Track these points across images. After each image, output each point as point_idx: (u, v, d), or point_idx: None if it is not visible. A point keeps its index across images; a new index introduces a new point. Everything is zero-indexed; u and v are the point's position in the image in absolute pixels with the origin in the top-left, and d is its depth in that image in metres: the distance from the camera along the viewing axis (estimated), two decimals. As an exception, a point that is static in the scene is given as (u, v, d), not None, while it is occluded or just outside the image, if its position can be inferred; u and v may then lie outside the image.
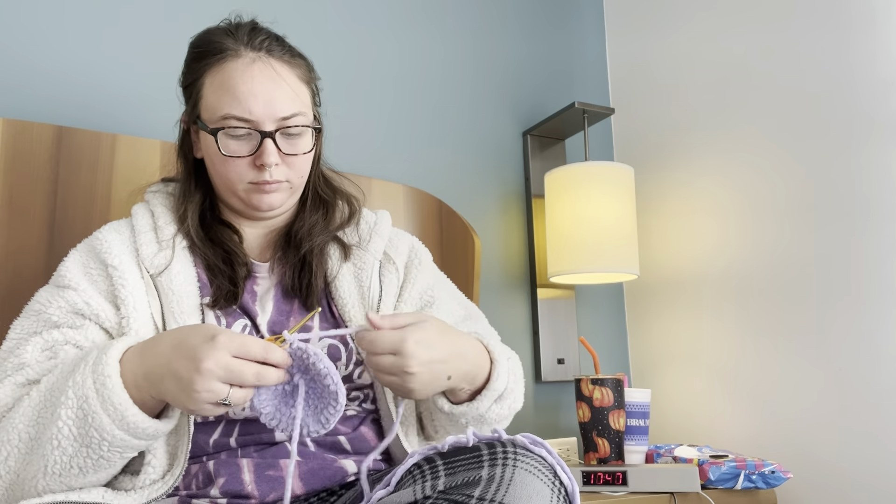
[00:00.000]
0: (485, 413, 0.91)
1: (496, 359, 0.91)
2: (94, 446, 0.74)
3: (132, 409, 0.73)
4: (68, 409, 0.73)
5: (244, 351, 0.72)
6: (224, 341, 0.71)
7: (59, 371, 0.78)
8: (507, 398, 0.93)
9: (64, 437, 0.73)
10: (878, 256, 1.33)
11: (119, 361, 0.76)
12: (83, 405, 0.73)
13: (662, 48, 1.83)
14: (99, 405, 0.73)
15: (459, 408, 0.90)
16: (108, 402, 0.73)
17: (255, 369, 0.72)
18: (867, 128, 1.36)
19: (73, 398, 0.74)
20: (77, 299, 0.87)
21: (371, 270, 1.00)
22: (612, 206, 1.59)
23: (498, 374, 0.90)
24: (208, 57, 0.92)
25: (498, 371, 0.90)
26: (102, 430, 0.73)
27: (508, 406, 0.94)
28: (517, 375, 0.98)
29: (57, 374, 0.78)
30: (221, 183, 0.95)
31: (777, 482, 1.30)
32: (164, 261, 0.92)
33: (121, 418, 0.73)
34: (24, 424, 0.76)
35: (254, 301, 0.95)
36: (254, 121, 0.89)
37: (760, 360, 1.53)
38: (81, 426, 0.73)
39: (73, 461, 0.75)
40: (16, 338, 0.86)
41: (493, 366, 0.91)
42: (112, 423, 0.73)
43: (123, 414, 0.73)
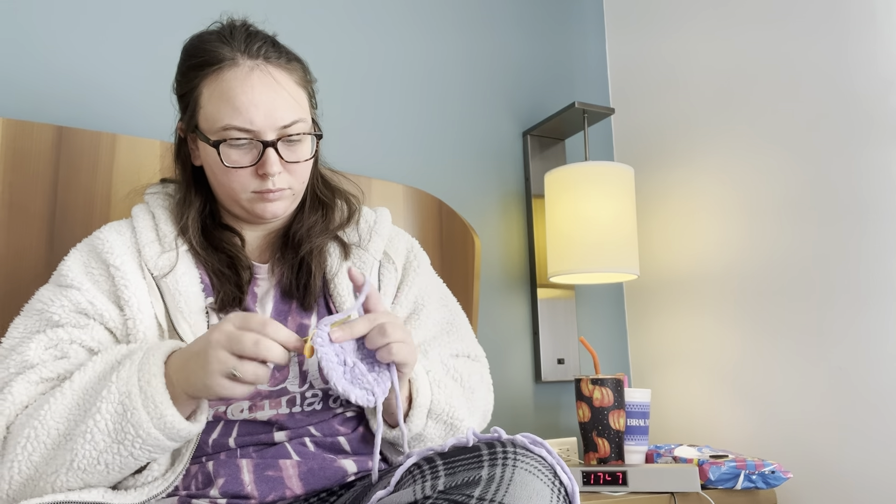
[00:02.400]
0: (422, 432, 0.91)
1: (413, 376, 0.90)
2: (126, 443, 0.75)
3: (171, 408, 0.75)
4: (109, 404, 0.75)
5: (245, 323, 0.76)
6: (233, 316, 0.76)
7: (94, 370, 0.80)
8: (443, 414, 0.91)
9: (99, 431, 0.75)
10: (878, 256, 1.33)
11: (164, 361, 0.78)
12: (125, 400, 0.75)
13: (662, 48, 1.83)
14: (140, 402, 0.75)
15: (393, 431, 0.90)
16: (149, 400, 0.75)
17: (252, 338, 0.74)
18: (867, 127, 1.36)
19: (115, 393, 0.75)
20: (81, 299, 0.87)
21: (370, 270, 1.00)
22: (612, 206, 1.59)
23: (418, 390, 0.89)
24: (205, 67, 0.91)
25: (417, 386, 0.90)
26: (139, 427, 0.75)
27: (447, 422, 0.92)
28: (449, 389, 0.93)
29: (90, 373, 0.79)
30: (224, 192, 0.95)
31: (777, 482, 1.30)
32: (169, 263, 0.92)
33: (159, 416, 0.75)
34: (55, 421, 0.77)
35: (254, 302, 0.96)
36: (255, 131, 0.89)
37: (761, 360, 1.53)
38: (119, 421, 0.75)
39: (102, 457, 0.76)
40: (18, 336, 0.86)
41: (411, 383, 0.90)
42: (150, 420, 0.75)
43: (162, 413, 0.75)
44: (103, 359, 0.81)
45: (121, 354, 0.81)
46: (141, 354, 0.79)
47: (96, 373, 0.79)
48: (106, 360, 0.81)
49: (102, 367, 0.80)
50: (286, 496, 0.85)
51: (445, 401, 0.92)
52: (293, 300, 0.97)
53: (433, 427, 0.91)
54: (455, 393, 0.94)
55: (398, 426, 0.89)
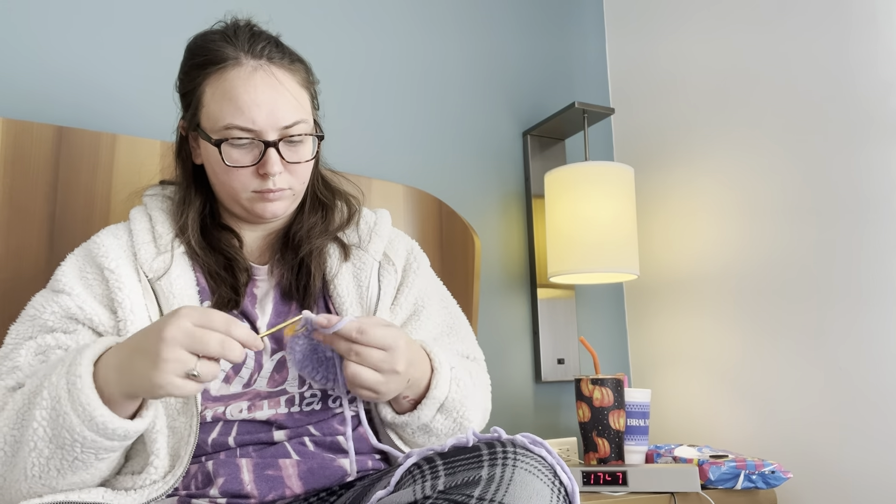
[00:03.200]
0: (429, 423, 0.91)
1: (437, 367, 0.90)
2: (67, 447, 0.73)
3: (100, 408, 0.72)
4: (43, 410, 0.73)
5: (207, 321, 0.72)
6: (187, 311, 0.72)
7: (42, 373, 0.78)
8: (453, 411, 0.92)
9: (39, 439, 0.73)
10: (878, 256, 1.33)
11: (95, 363, 0.75)
12: (55, 405, 0.73)
13: (662, 48, 1.83)
14: (69, 405, 0.72)
15: (402, 417, 0.90)
16: (76, 402, 0.72)
17: (218, 338, 0.71)
18: (867, 127, 1.36)
19: (47, 398, 0.73)
20: (70, 304, 0.87)
21: (370, 271, 1.00)
22: (612, 206, 1.59)
23: (437, 383, 0.89)
24: (208, 66, 0.91)
25: (437, 379, 0.89)
26: (73, 431, 0.72)
27: (456, 419, 0.92)
28: (467, 389, 0.94)
29: (39, 377, 0.78)
30: (224, 191, 0.95)
31: (777, 482, 1.30)
32: (163, 265, 0.92)
33: (89, 418, 0.72)
34: (9, 427, 0.76)
35: (253, 304, 0.96)
36: (257, 131, 0.89)
37: (760, 360, 1.53)
38: (54, 427, 0.72)
39: (51, 462, 0.74)
40: (11, 343, 0.87)
41: (433, 374, 0.90)
42: (81, 423, 0.72)
43: (91, 414, 0.72)
44: (51, 362, 0.79)
45: (62, 357, 0.79)
46: (73, 355, 0.76)
47: (42, 377, 0.77)
48: (52, 364, 0.79)
49: (49, 370, 0.78)
50: (286, 495, 0.85)
51: (460, 399, 0.92)
52: (293, 301, 0.97)
53: (441, 421, 0.91)
54: (469, 393, 0.94)
55: (404, 413, 0.90)
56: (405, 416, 0.90)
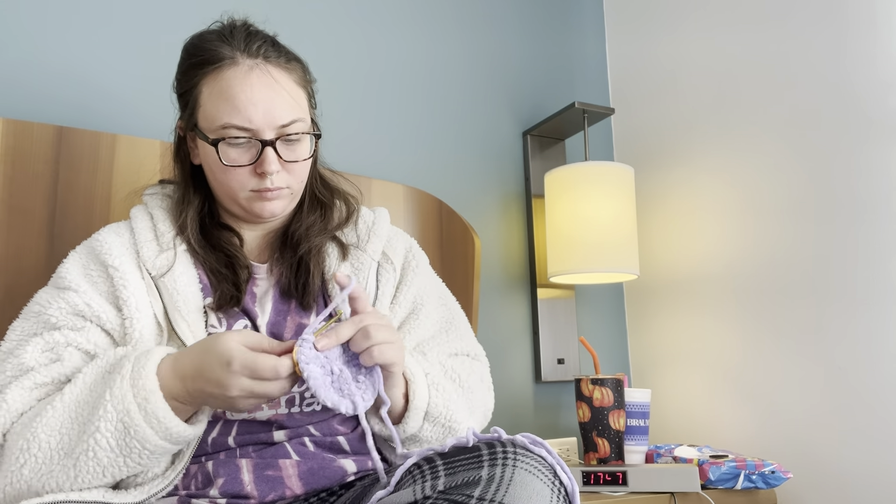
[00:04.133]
0: (417, 433, 0.90)
1: (409, 378, 0.90)
2: (133, 455, 0.77)
3: (175, 421, 0.77)
4: (107, 423, 0.75)
5: (257, 375, 0.75)
6: (238, 369, 0.74)
7: (84, 383, 0.80)
8: (440, 417, 0.91)
9: (101, 449, 0.76)
10: (878, 256, 1.33)
11: (156, 374, 0.78)
12: (124, 419, 0.75)
13: (662, 48, 1.83)
14: (142, 419, 0.76)
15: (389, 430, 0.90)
16: (152, 417, 0.76)
17: (275, 387, 0.76)
18: (866, 127, 1.36)
19: (112, 412, 0.76)
20: (78, 301, 0.87)
21: (368, 271, 1.00)
22: (612, 206, 1.59)
23: (415, 392, 0.89)
24: (205, 66, 0.91)
25: (413, 388, 0.89)
26: (145, 442, 0.76)
27: (444, 425, 0.92)
28: (448, 393, 0.93)
29: (81, 386, 0.79)
30: (222, 191, 0.95)
31: (777, 482, 1.30)
32: (167, 262, 0.92)
33: (165, 430, 0.76)
34: (46, 435, 0.77)
35: (253, 302, 0.96)
36: (254, 129, 0.89)
37: (761, 360, 1.53)
38: (122, 438, 0.76)
39: (108, 470, 0.77)
40: (15, 339, 0.87)
41: (408, 385, 0.90)
42: (155, 434, 0.76)
43: (168, 426, 0.76)
44: (93, 370, 0.81)
45: (109, 364, 0.81)
46: (129, 367, 0.78)
47: (87, 385, 0.79)
48: (95, 372, 0.80)
49: (92, 379, 0.80)
50: (286, 496, 0.85)
51: (443, 404, 0.91)
52: (292, 300, 0.97)
53: (430, 429, 0.91)
54: (453, 396, 0.94)
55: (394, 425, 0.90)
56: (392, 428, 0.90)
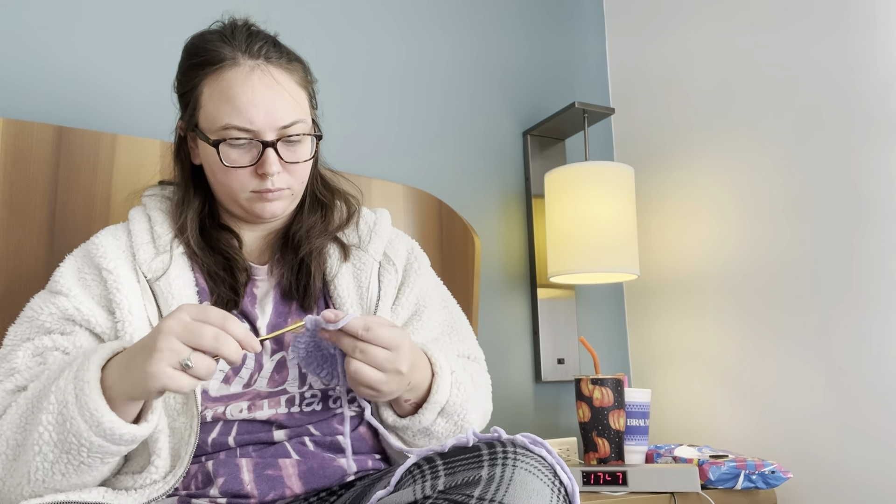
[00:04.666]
0: (430, 426, 0.91)
1: (437, 371, 0.90)
2: (73, 452, 0.73)
3: (108, 414, 0.72)
4: (49, 415, 0.73)
5: (203, 315, 0.73)
6: (187, 307, 0.73)
7: (46, 377, 0.78)
8: (454, 415, 0.92)
9: (45, 443, 0.73)
10: (878, 256, 1.33)
11: (103, 368, 0.75)
12: (63, 410, 0.73)
13: (662, 48, 1.83)
14: (77, 410, 0.72)
15: (403, 420, 0.90)
16: (84, 407, 0.72)
17: (213, 331, 0.72)
18: (867, 127, 1.36)
19: (54, 403, 0.73)
20: (68, 305, 0.87)
21: (370, 271, 1.00)
22: (612, 206, 1.59)
23: (438, 387, 0.89)
24: (206, 66, 0.91)
25: (438, 383, 0.89)
26: (80, 436, 0.72)
27: (456, 422, 0.92)
28: (467, 393, 0.93)
29: (43, 380, 0.78)
30: (223, 192, 0.95)
31: (777, 482, 1.30)
32: (162, 265, 0.92)
33: (97, 424, 0.72)
34: (11, 431, 0.76)
35: (253, 304, 0.95)
36: (255, 130, 0.89)
37: (761, 360, 1.53)
38: (61, 432, 0.73)
39: (55, 467, 0.74)
40: (9, 344, 0.87)
41: (434, 378, 0.90)
42: (89, 428, 0.72)
43: (99, 420, 0.72)
44: (56, 367, 0.80)
45: (68, 361, 0.80)
46: (80, 360, 0.76)
47: (48, 381, 0.78)
48: (57, 368, 0.79)
49: (52, 374, 0.78)
50: (286, 495, 0.85)
51: (461, 403, 0.92)
52: (293, 301, 0.97)
53: (442, 424, 0.92)
54: (471, 396, 0.94)
55: (406, 416, 0.90)
56: (406, 420, 0.90)
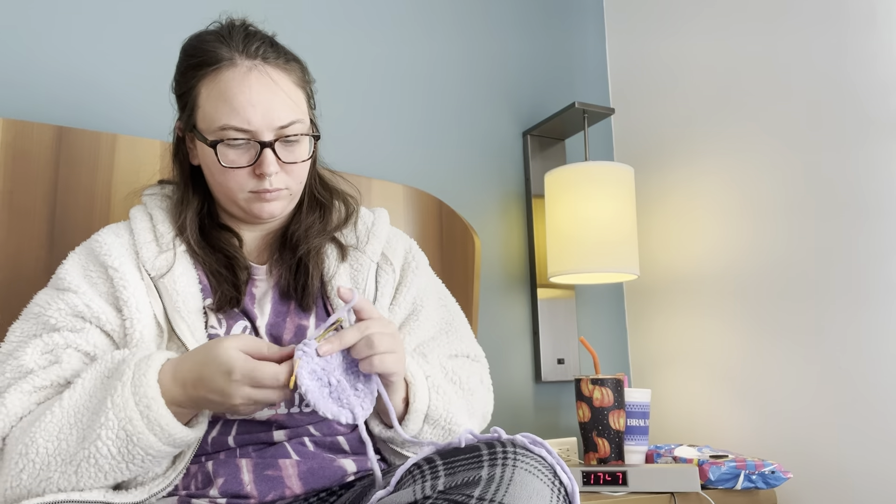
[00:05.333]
0: (417, 435, 0.91)
1: (410, 380, 0.90)
2: (136, 461, 0.77)
3: (178, 427, 0.77)
4: (109, 430, 0.76)
5: (258, 384, 0.76)
6: (239, 378, 0.75)
7: (84, 388, 0.79)
8: (440, 420, 0.91)
9: (102, 456, 0.76)
10: (878, 256, 1.33)
11: (157, 381, 0.78)
12: (126, 426, 0.76)
13: (662, 48, 1.83)
14: (145, 426, 0.76)
15: (389, 432, 0.90)
16: (154, 424, 0.76)
17: (275, 394, 0.77)
18: (867, 127, 1.36)
19: (113, 419, 0.76)
20: (77, 302, 0.87)
21: (367, 272, 1.00)
22: (612, 206, 1.59)
23: (415, 394, 0.89)
24: (203, 67, 0.91)
25: (414, 391, 0.89)
26: (149, 448, 0.77)
27: (444, 427, 0.92)
28: (448, 396, 0.93)
29: (80, 392, 0.79)
30: (221, 192, 0.95)
31: (777, 482, 1.30)
32: (166, 263, 0.92)
33: (168, 436, 0.77)
34: (44, 440, 0.77)
35: (252, 303, 0.96)
36: (252, 131, 0.89)
37: (761, 360, 1.53)
38: (125, 445, 0.76)
39: (109, 475, 0.78)
40: (15, 341, 0.86)
41: (409, 387, 0.90)
42: (159, 440, 0.77)
43: (171, 433, 0.77)
44: (92, 375, 0.81)
45: (108, 369, 0.81)
46: (130, 374, 0.78)
47: (86, 391, 0.79)
48: (94, 377, 0.80)
49: (92, 384, 0.80)
50: (286, 496, 0.85)
51: (444, 406, 0.92)
52: (291, 301, 0.97)
53: (430, 432, 0.91)
54: (454, 398, 0.94)
55: (392, 427, 0.89)
56: (391, 432, 0.90)
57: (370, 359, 0.80)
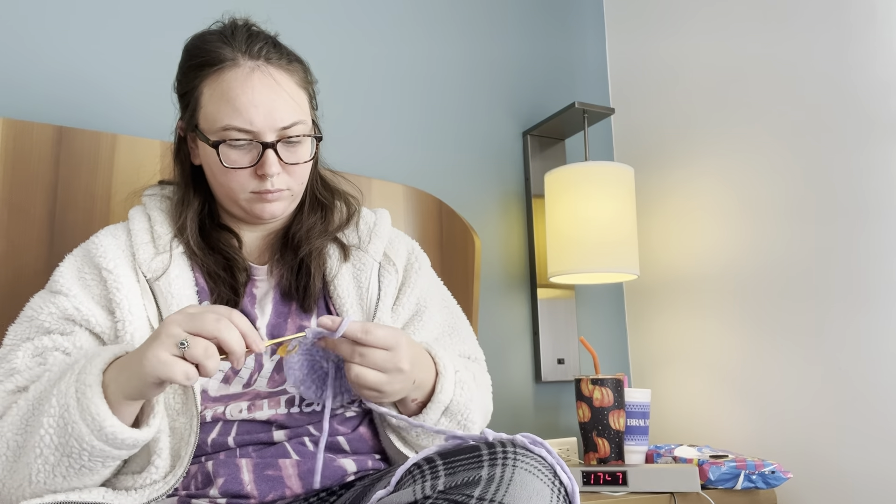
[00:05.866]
0: (434, 426, 0.90)
1: (441, 371, 0.90)
2: (74, 456, 0.73)
3: (110, 418, 0.72)
4: (50, 418, 0.73)
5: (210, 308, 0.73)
6: (194, 304, 0.75)
7: (48, 378, 0.78)
8: (458, 414, 0.91)
9: (45, 446, 0.73)
10: (878, 256, 1.33)
11: (104, 371, 0.75)
12: (64, 414, 0.73)
13: (662, 48, 1.83)
14: (78, 414, 0.72)
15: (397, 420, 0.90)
16: (86, 412, 0.72)
17: (215, 316, 0.72)
18: (867, 127, 1.36)
19: (55, 406, 0.73)
20: (67, 305, 0.87)
21: (370, 272, 1.00)
22: (612, 206, 1.59)
23: (442, 386, 0.89)
24: (206, 67, 0.91)
25: (442, 383, 0.89)
26: (81, 440, 0.72)
27: (460, 422, 0.92)
28: (471, 392, 0.93)
29: (45, 382, 0.78)
30: (222, 192, 0.95)
31: (777, 482, 1.30)
32: (162, 265, 0.92)
33: (98, 428, 0.72)
34: (12, 433, 0.76)
35: (253, 304, 0.95)
36: (255, 132, 0.89)
37: (761, 360, 1.53)
38: (62, 435, 0.73)
39: (56, 470, 0.74)
40: (9, 344, 0.87)
41: (438, 377, 0.90)
42: (90, 432, 0.72)
43: (101, 424, 0.72)
44: (59, 368, 0.79)
45: (68, 363, 0.79)
46: (83, 363, 0.76)
47: (49, 383, 0.77)
48: (59, 370, 0.79)
49: (53, 376, 0.78)
50: (286, 495, 0.85)
51: (465, 402, 0.92)
52: (293, 302, 0.96)
53: (446, 424, 0.91)
54: (474, 396, 0.94)
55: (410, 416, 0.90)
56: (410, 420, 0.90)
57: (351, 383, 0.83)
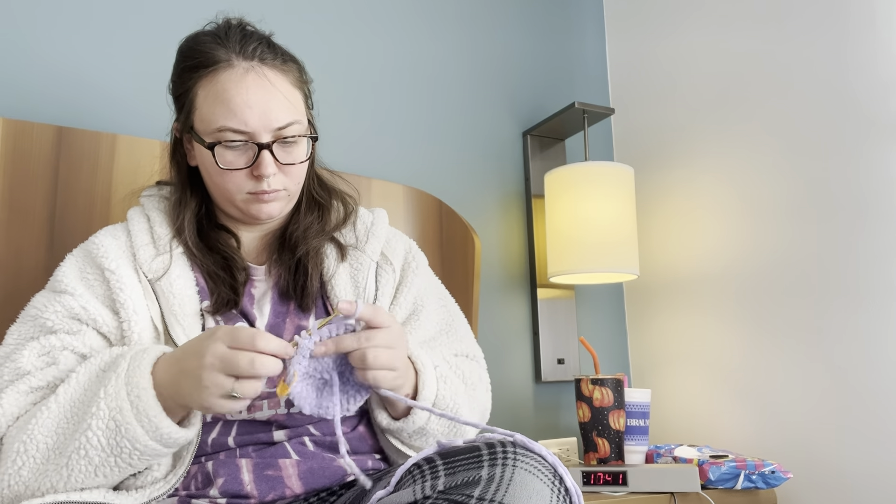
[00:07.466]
0: (424, 425, 0.90)
1: (420, 369, 0.90)
2: (124, 455, 0.76)
3: (165, 420, 0.75)
4: (99, 420, 0.75)
5: (234, 340, 0.73)
6: (220, 334, 0.74)
7: (79, 382, 0.79)
8: (446, 409, 0.91)
9: (92, 447, 0.75)
10: (878, 256, 1.33)
11: (150, 373, 0.77)
12: (116, 416, 0.74)
13: (662, 48, 1.83)
14: (133, 417, 0.74)
15: (397, 423, 0.90)
16: (142, 415, 0.75)
17: (248, 357, 0.72)
18: (867, 128, 1.36)
19: (104, 409, 0.75)
20: (74, 304, 0.87)
21: (367, 271, 1.00)
22: (612, 206, 1.59)
23: (424, 383, 0.89)
24: (200, 68, 0.91)
25: (423, 380, 0.89)
26: (136, 441, 0.75)
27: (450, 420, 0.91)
28: (455, 386, 0.93)
29: (75, 385, 0.79)
30: (219, 193, 0.95)
31: (777, 482, 1.30)
32: (163, 265, 0.92)
33: (154, 429, 0.75)
34: (43, 436, 0.77)
35: (251, 304, 0.96)
36: (250, 132, 0.89)
37: (761, 360, 1.53)
38: (113, 437, 0.75)
39: (99, 470, 0.76)
40: (12, 343, 0.86)
41: (418, 375, 0.90)
42: (146, 434, 0.75)
43: (157, 426, 0.75)
44: (87, 369, 0.80)
45: (104, 363, 0.81)
46: (126, 366, 0.77)
47: (81, 385, 0.79)
48: (90, 371, 0.80)
49: (87, 378, 0.79)
50: (286, 495, 0.85)
51: (451, 397, 0.92)
52: (291, 301, 0.97)
53: (436, 421, 0.91)
54: (459, 390, 0.94)
55: (400, 419, 0.90)
56: (400, 423, 0.90)
57: (364, 372, 0.80)
